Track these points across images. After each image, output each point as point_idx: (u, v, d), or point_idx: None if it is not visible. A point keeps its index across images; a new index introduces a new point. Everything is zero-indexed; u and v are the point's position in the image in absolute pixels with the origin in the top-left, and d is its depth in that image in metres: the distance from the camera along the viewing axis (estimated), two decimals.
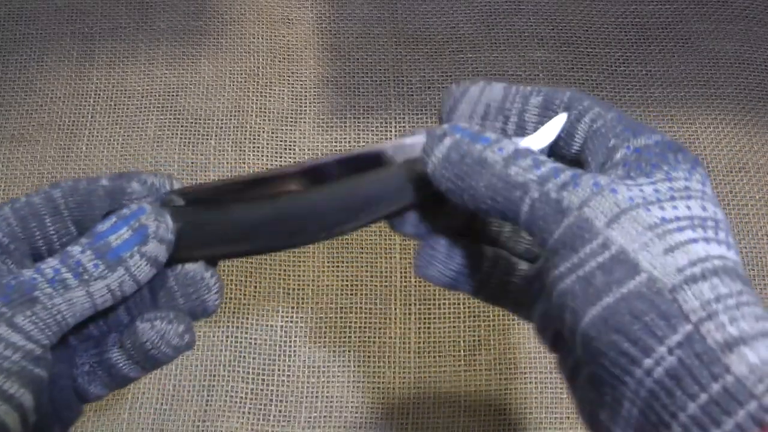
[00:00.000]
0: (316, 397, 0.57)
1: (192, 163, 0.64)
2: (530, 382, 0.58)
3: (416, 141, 0.30)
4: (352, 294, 0.60)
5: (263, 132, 0.67)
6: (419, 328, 0.59)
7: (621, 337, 0.22)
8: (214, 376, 0.57)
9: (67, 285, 0.26)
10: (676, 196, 0.25)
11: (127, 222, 0.27)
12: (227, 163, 0.64)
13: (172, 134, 0.65)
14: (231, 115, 0.66)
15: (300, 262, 0.62)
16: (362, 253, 0.61)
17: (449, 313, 0.59)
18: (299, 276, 0.61)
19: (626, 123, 0.27)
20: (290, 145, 0.65)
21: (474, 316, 0.59)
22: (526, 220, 0.25)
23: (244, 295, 0.60)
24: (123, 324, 0.30)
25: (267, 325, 0.59)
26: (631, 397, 0.22)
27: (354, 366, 0.58)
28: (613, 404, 0.23)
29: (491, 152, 0.26)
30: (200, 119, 0.66)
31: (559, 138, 0.29)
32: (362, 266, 0.61)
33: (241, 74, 0.68)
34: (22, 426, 0.25)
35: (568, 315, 0.24)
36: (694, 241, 0.23)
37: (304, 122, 0.66)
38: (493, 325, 0.59)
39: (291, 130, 0.66)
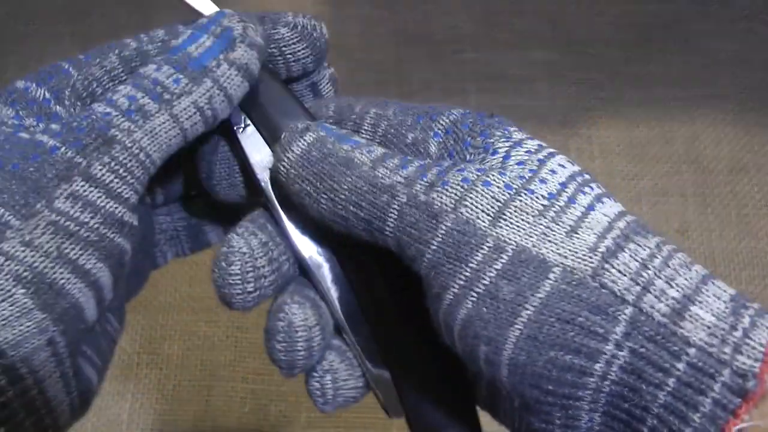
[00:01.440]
0: None
1: None
2: None
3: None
4: None
5: None
6: None
7: (558, 351, 0.19)
8: (214, 376, 0.57)
9: (147, 112, 0.21)
10: (543, 158, 0.21)
11: (206, 29, 0.23)
12: None
13: None
14: None
15: None
16: None
17: None
18: None
19: (415, 111, 0.24)
20: None
21: None
22: (395, 232, 0.21)
23: None
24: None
25: None
26: (590, 408, 0.19)
27: None
28: (567, 422, 0.20)
29: (360, 153, 0.22)
30: None
31: None
32: None
33: None
34: (97, 308, 0.21)
35: (484, 348, 0.19)
36: (591, 208, 0.20)
37: None
38: None
39: None
